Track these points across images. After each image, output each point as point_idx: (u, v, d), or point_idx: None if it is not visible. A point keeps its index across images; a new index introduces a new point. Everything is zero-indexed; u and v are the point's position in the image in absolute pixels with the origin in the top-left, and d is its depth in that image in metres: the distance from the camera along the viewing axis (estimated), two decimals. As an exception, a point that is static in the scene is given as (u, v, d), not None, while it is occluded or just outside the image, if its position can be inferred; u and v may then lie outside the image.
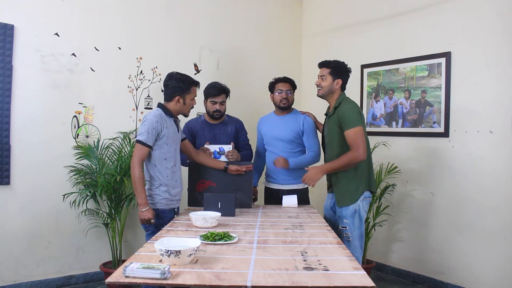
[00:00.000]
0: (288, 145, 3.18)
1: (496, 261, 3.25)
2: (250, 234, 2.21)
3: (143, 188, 2.56)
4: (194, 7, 4.21)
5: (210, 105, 3.17)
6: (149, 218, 2.55)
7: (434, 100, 3.66)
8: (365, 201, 2.78)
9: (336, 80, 2.82)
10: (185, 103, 2.72)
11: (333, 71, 2.82)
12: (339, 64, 2.86)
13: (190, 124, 3.27)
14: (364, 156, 2.65)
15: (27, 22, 3.34)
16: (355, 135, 2.66)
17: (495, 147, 3.27)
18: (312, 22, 4.96)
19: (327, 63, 2.86)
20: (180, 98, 2.69)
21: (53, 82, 3.45)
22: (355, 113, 2.71)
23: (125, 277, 1.53)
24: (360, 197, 2.73)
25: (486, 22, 3.33)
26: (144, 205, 2.55)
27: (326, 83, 2.83)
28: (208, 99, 3.18)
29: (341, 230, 2.76)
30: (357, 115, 2.71)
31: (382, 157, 3.94)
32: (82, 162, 3.53)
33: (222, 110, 3.18)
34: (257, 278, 1.53)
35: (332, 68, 2.83)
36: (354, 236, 2.73)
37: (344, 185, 2.77)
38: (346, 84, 2.88)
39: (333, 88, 2.83)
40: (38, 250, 3.41)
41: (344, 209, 2.75)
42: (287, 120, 3.23)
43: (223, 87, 3.18)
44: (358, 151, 2.64)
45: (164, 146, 2.64)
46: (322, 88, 2.85)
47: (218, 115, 3.18)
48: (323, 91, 2.86)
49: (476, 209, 3.38)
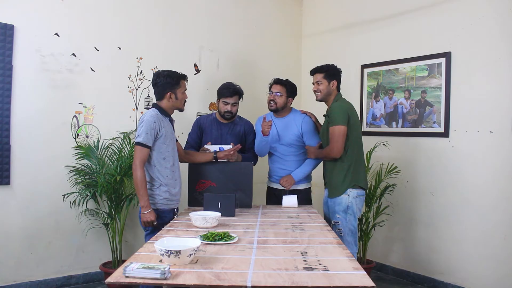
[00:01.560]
0: (290, 148, 3.19)
1: (496, 261, 3.25)
2: (250, 234, 2.21)
3: (145, 191, 2.56)
4: (194, 7, 4.21)
5: (222, 105, 3.19)
6: (151, 220, 2.56)
7: (434, 100, 3.66)
8: (358, 198, 2.90)
9: (331, 82, 2.99)
10: (177, 98, 2.72)
11: (327, 75, 2.99)
12: (330, 67, 3.03)
13: (201, 120, 3.32)
14: (337, 154, 2.84)
15: (27, 22, 3.33)
16: (334, 133, 2.84)
17: (495, 147, 3.27)
18: (312, 22, 4.95)
19: (319, 68, 3.03)
20: (171, 93, 2.70)
21: (53, 82, 3.45)
22: (341, 112, 2.86)
23: (125, 277, 1.53)
24: (346, 189, 2.86)
25: (486, 22, 3.33)
26: (146, 207, 2.55)
27: (323, 86, 2.99)
28: (220, 99, 3.21)
29: (334, 224, 2.88)
30: (343, 114, 2.86)
31: (382, 157, 3.94)
32: (82, 162, 3.53)
33: (233, 111, 3.20)
34: (257, 278, 1.53)
35: (325, 72, 3.00)
36: (346, 231, 2.85)
37: (332, 177, 2.95)
38: (340, 84, 3.05)
39: (330, 90, 3.00)
40: (38, 250, 3.41)
41: (337, 204, 2.88)
42: (287, 123, 3.22)
43: (237, 88, 3.20)
44: (331, 148, 2.85)
45: (162, 146, 2.64)
46: (320, 92, 3.01)
47: (229, 115, 3.20)
48: (322, 95, 3.01)
49: (476, 209, 3.38)
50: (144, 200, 2.55)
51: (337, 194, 2.89)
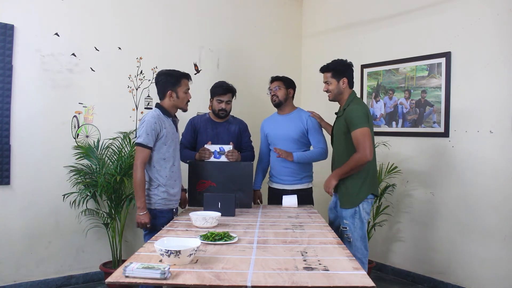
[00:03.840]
0: (294, 144, 3.19)
1: (496, 261, 3.25)
2: (250, 234, 2.21)
3: (143, 192, 2.56)
4: (194, 7, 4.21)
5: (216, 103, 3.21)
6: (145, 222, 2.55)
7: (434, 100, 3.66)
8: (366, 202, 2.75)
9: (341, 80, 2.82)
10: (178, 97, 2.69)
11: (334, 73, 2.82)
12: (338, 63, 2.85)
13: (194, 120, 3.33)
14: (370, 156, 2.62)
15: (27, 22, 3.33)
16: (361, 136, 2.63)
17: (495, 147, 3.27)
18: (312, 22, 4.96)
19: (326, 67, 2.87)
20: (172, 92, 2.67)
21: (53, 82, 3.45)
22: (362, 114, 2.68)
23: (125, 277, 1.53)
24: (362, 201, 2.72)
25: (486, 22, 3.33)
26: (142, 209, 2.55)
27: (332, 86, 2.83)
28: (214, 98, 3.23)
29: (342, 230, 2.76)
30: (364, 116, 2.68)
31: (382, 157, 3.94)
32: (82, 162, 3.54)
33: (227, 109, 3.22)
34: (257, 278, 1.53)
35: (332, 70, 2.83)
36: (355, 237, 2.72)
37: (346, 188, 2.76)
38: (352, 80, 2.88)
39: (341, 88, 2.83)
40: (38, 250, 3.41)
41: (344, 210, 2.76)
42: (292, 118, 3.23)
43: (230, 86, 3.23)
44: (363, 152, 2.62)
45: (163, 146, 2.63)
46: (330, 92, 2.86)
47: (223, 113, 3.22)
48: (332, 95, 2.86)
49: (476, 209, 3.38)
50: (141, 201, 2.55)
51: (350, 206, 2.71)
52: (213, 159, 3.07)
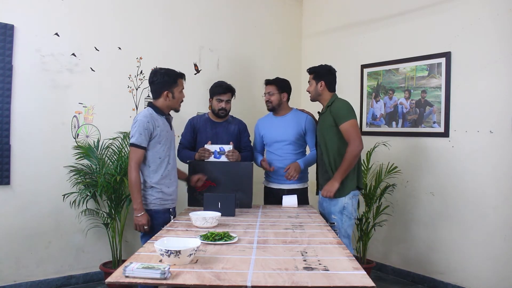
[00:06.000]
0: (291, 146, 3.20)
1: (496, 261, 3.25)
2: (250, 234, 2.21)
3: (139, 193, 2.53)
4: (194, 7, 4.21)
5: (215, 103, 3.23)
6: (143, 224, 2.53)
7: (434, 100, 3.66)
8: (354, 198, 2.88)
9: (319, 82, 2.96)
10: (174, 97, 2.66)
11: (315, 76, 2.99)
12: (320, 67, 3.02)
13: (194, 120, 3.33)
14: (361, 145, 2.79)
15: (27, 22, 3.33)
16: (350, 128, 2.79)
17: (495, 147, 3.27)
18: (312, 22, 4.95)
19: (309, 69, 3.06)
20: (168, 92, 2.64)
21: (53, 82, 3.45)
22: (348, 107, 2.85)
23: (125, 277, 1.53)
24: (349, 192, 2.83)
25: (486, 22, 3.33)
26: (139, 210, 2.53)
27: (312, 87, 3.01)
28: (214, 97, 3.24)
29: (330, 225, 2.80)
30: (351, 109, 2.85)
31: (382, 157, 3.94)
32: (82, 162, 3.53)
33: (227, 108, 3.24)
34: (257, 278, 1.53)
35: (313, 73, 3.01)
36: (341, 232, 2.83)
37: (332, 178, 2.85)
38: (333, 84, 3.01)
39: (318, 90, 2.98)
40: (38, 250, 3.41)
41: (333, 205, 2.85)
42: (288, 120, 3.24)
43: (229, 86, 3.25)
44: (355, 143, 2.78)
45: (157, 145, 2.60)
46: (310, 93, 3.04)
47: (223, 113, 3.23)
48: (311, 96, 3.05)
49: (476, 209, 3.38)
50: (137, 202, 2.52)
51: (339, 195, 2.82)
52: (213, 159, 3.07)
